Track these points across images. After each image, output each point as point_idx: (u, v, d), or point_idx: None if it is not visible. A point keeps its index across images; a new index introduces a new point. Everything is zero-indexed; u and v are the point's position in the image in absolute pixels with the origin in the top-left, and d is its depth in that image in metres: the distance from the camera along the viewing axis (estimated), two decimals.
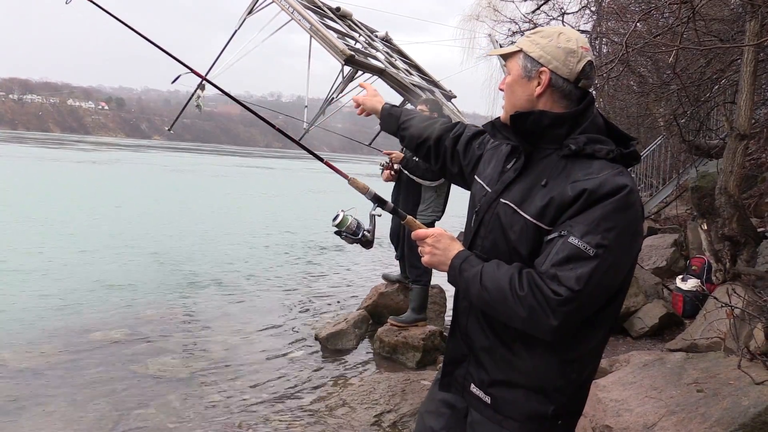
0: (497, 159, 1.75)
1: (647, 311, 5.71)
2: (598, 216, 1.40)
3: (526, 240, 1.51)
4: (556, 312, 1.39)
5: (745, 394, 2.99)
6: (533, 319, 1.42)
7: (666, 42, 5.04)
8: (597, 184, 1.42)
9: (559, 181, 1.49)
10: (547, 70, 1.55)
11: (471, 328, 1.66)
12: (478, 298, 1.53)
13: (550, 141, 1.56)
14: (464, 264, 1.56)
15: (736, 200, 5.04)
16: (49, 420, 3.82)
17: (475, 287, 1.52)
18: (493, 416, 1.60)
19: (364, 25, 9.57)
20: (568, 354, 1.53)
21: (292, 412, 4.11)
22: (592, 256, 1.38)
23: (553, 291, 1.39)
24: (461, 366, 1.70)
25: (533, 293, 1.41)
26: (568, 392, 1.56)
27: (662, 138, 11.48)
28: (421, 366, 5.04)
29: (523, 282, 1.44)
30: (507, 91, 1.62)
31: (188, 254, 9.80)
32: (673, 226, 9.73)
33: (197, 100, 7.95)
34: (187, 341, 5.52)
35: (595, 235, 1.39)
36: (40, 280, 7.35)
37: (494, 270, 1.51)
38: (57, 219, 12.30)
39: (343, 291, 8.05)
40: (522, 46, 1.59)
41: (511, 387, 1.57)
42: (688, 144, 7.26)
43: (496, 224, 1.59)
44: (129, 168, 33.20)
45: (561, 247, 1.41)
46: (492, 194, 1.64)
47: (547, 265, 1.42)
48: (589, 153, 1.49)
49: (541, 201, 1.49)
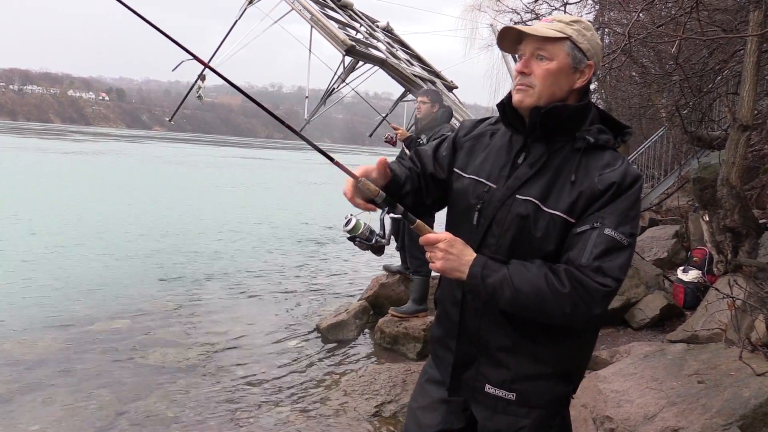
0: (492, 152, 1.65)
1: (648, 302, 5.70)
2: (626, 206, 1.46)
3: (555, 236, 1.49)
4: (601, 303, 1.43)
5: (746, 385, 2.99)
6: (577, 313, 1.43)
7: (669, 32, 5.00)
8: (621, 176, 1.48)
9: (584, 175, 1.50)
10: (592, 64, 1.56)
11: (485, 329, 1.60)
12: (510, 302, 1.47)
13: (563, 133, 1.55)
14: (485, 270, 1.49)
15: (738, 192, 5.02)
16: (51, 410, 3.83)
17: (506, 292, 1.46)
18: (517, 410, 1.59)
19: (365, 15, 9.52)
20: (583, 335, 1.60)
21: (293, 403, 4.12)
22: (627, 245, 1.45)
23: (599, 284, 1.41)
24: (470, 368, 1.65)
25: (576, 289, 1.41)
26: (583, 368, 1.67)
27: (664, 129, 11.44)
28: (422, 357, 5.04)
29: (562, 279, 1.43)
30: (548, 78, 1.52)
31: (184, 247, 9.80)
32: (675, 217, 9.72)
33: (198, 91, 7.95)
34: (188, 332, 5.52)
35: (626, 225, 1.45)
36: (37, 272, 7.35)
37: (523, 271, 1.47)
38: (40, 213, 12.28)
39: (343, 282, 8.06)
40: (571, 35, 1.53)
41: (537, 379, 1.57)
42: (690, 135, 7.23)
43: (515, 222, 1.53)
44: (117, 159, 32.82)
45: (598, 240, 1.43)
46: (505, 191, 1.56)
47: (588, 258, 1.43)
48: (602, 144, 1.53)
49: (570, 196, 1.49)
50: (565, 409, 1.67)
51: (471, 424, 1.70)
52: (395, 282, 6.19)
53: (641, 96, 10.15)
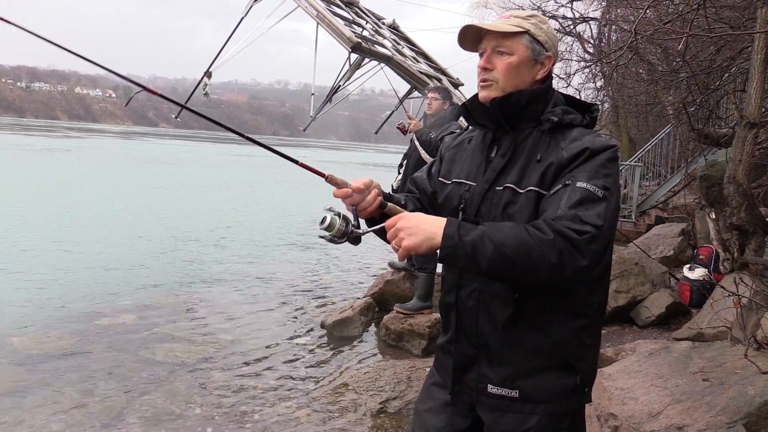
0: (468, 154, 1.71)
1: (654, 300, 5.69)
2: (596, 164, 1.47)
3: (527, 209, 1.51)
4: (584, 251, 1.37)
5: (751, 383, 2.99)
6: (563, 263, 1.36)
7: (676, 29, 4.98)
8: (590, 143, 1.50)
9: (550, 152, 1.54)
10: (551, 55, 1.62)
11: (481, 328, 1.60)
12: (493, 259, 1.37)
13: (528, 119, 1.60)
14: (462, 230, 1.39)
15: (745, 189, 5.00)
16: (57, 404, 3.86)
17: (488, 247, 1.36)
18: (522, 407, 1.58)
19: (371, 12, 9.52)
20: (580, 320, 1.56)
21: (298, 399, 4.13)
22: (601, 197, 1.43)
23: (576, 231, 1.37)
24: (471, 370, 1.63)
25: (558, 236, 1.36)
26: (589, 358, 1.59)
27: (671, 126, 11.39)
28: (427, 353, 5.05)
29: (543, 228, 1.37)
30: (510, 72, 1.58)
31: (190, 245, 9.84)
32: (681, 215, 9.69)
33: (205, 88, 7.97)
34: (194, 328, 5.55)
35: (598, 180, 1.45)
36: (45, 267, 7.40)
37: (501, 227, 1.41)
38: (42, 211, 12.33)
39: (349, 278, 8.07)
40: (529, 29, 1.59)
41: (538, 372, 1.56)
42: (697, 132, 7.19)
43: (497, 213, 1.55)
44: (104, 157, 32.94)
45: (571, 193, 1.43)
46: (483, 184, 1.60)
47: (563, 209, 1.41)
48: (568, 123, 1.57)
49: (539, 172, 1.52)
50: (575, 405, 1.61)
51: (477, 426, 1.69)
52: (400, 279, 6.20)
53: (648, 93, 10.12)
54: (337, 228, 1.57)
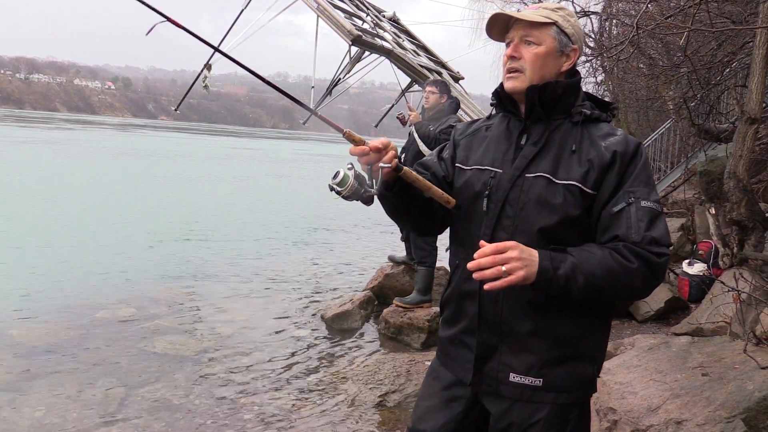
0: (491, 142, 1.70)
1: (653, 295, 5.69)
2: (646, 176, 1.55)
3: (576, 204, 1.53)
4: (662, 272, 1.50)
5: (750, 378, 2.99)
6: (645, 286, 1.50)
7: (677, 24, 4.96)
8: (624, 145, 1.55)
9: (584, 144, 1.57)
10: (577, 48, 1.64)
11: (507, 317, 1.59)
12: (584, 288, 1.45)
13: (560, 110, 1.61)
14: (554, 263, 1.45)
15: (745, 185, 4.99)
16: (57, 396, 3.87)
17: (579, 279, 1.45)
18: (543, 396, 1.58)
19: (372, 5, 9.48)
20: (602, 310, 1.63)
21: (298, 391, 4.14)
22: (661, 211, 1.53)
23: (656, 254, 1.47)
24: (491, 360, 1.62)
25: (642, 263, 1.46)
26: (604, 349, 1.68)
27: (671, 121, 11.38)
28: (426, 347, 5.06)
29: (627, 255, 1.47)
30: (537, 62, 1.59)
31: (190, 237, 9.84)
32: (681, 210, 9.69)
33: (204, 80, 7.93)
34: (194, 320, 5.56)
35: (653, 191, 1.54)
36: (42, 260, 7.40)
37: (589, 255, 1.48)
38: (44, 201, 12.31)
39: (348, 271, 8.08)
40: (557, 20, 1.60)
41: (562, 361, 1.58)
42: (697, 128, 7.18)
43: (529, 199, 1.56)
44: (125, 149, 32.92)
45: (640, 214, 1.49)
46: (513, 171, 1.59)
47: (639, 233, 1.48)
48: (597, 117, 1.62)
49: (580, 167, 1.54)
50: (586, 396, 1.65)
51: (480, 420, 1.69)
52: (400, 272, 6.20)
53: (649, 88, 10.09)
54: (350, 185, 1.52)
